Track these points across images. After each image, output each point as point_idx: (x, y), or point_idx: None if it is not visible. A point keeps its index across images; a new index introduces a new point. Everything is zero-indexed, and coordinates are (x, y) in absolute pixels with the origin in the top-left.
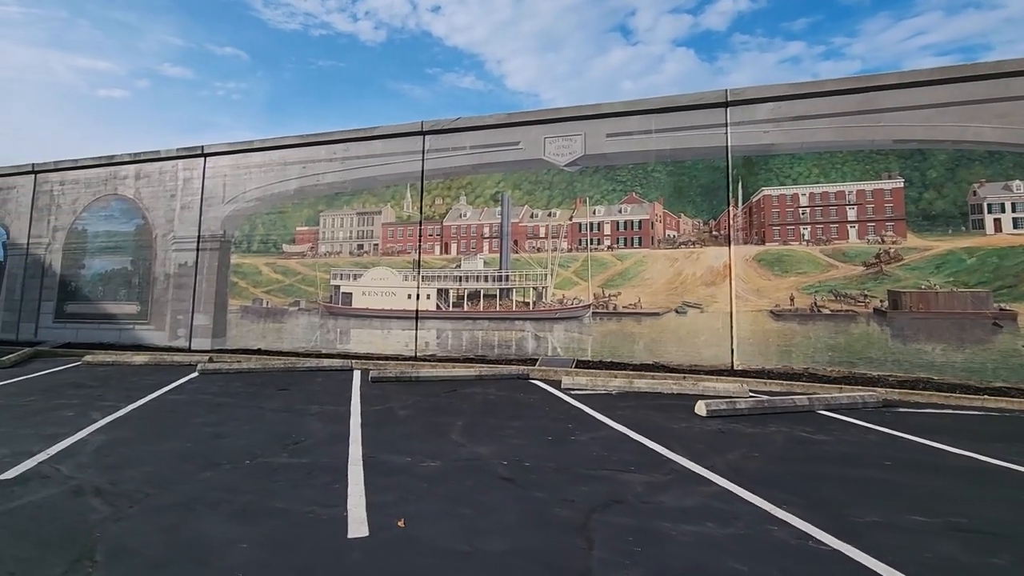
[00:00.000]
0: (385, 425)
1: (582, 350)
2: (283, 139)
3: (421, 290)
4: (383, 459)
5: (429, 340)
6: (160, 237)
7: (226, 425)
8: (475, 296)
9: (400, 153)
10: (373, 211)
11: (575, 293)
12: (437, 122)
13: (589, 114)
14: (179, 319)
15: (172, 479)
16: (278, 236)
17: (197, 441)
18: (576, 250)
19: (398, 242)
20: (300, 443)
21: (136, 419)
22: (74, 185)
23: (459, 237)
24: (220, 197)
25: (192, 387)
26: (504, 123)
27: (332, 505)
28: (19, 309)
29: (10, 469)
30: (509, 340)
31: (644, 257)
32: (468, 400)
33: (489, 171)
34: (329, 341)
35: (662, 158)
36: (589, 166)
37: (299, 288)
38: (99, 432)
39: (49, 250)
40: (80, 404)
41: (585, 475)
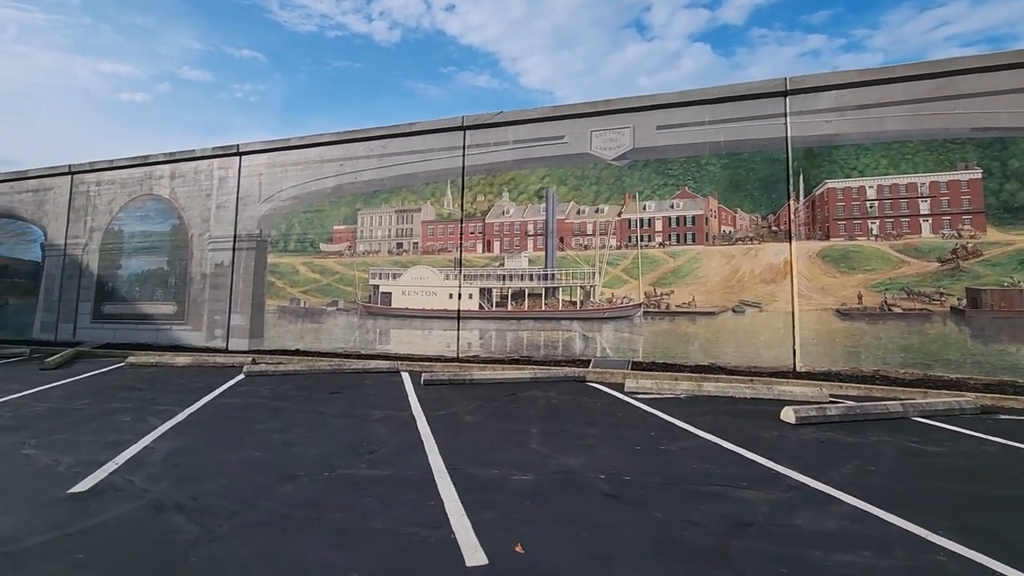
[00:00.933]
0: (457, 432)
1: (633, 351)
2: (319, 136)
3: (463, 289)
4: (469, 472)
5: (472, 341)
6: (196, 237)
7: (291, 432)
8: (519, 295)
9: (439, 149)
10: (412, 209)
11: (625, 292)
12: (478, 117)
13: (639, 106)
14: (216, 319)
15: (253, 493)
16: (315, 235)
17: (266, 449)
18: (626, 247)
19: (438, 240)
20: (374, 452)
21: (196, 425)
22: (110, 186)
23: (502, 235)
24: (256, 196)
25: (242, 390)
26: (548, 116)
27: (435, 526)
28: (57, 310)
29: (82, 481)
30: (555, 340)
31: (698, 254)
32: (531, 405)
33: (533, 166)
34: (368, 342)
35: (717, 150)
36: (639, 160)
37: (337, 288)
38: (163, 439)
39: (86, 251)
40: (135, 408)
41: (696, 492)
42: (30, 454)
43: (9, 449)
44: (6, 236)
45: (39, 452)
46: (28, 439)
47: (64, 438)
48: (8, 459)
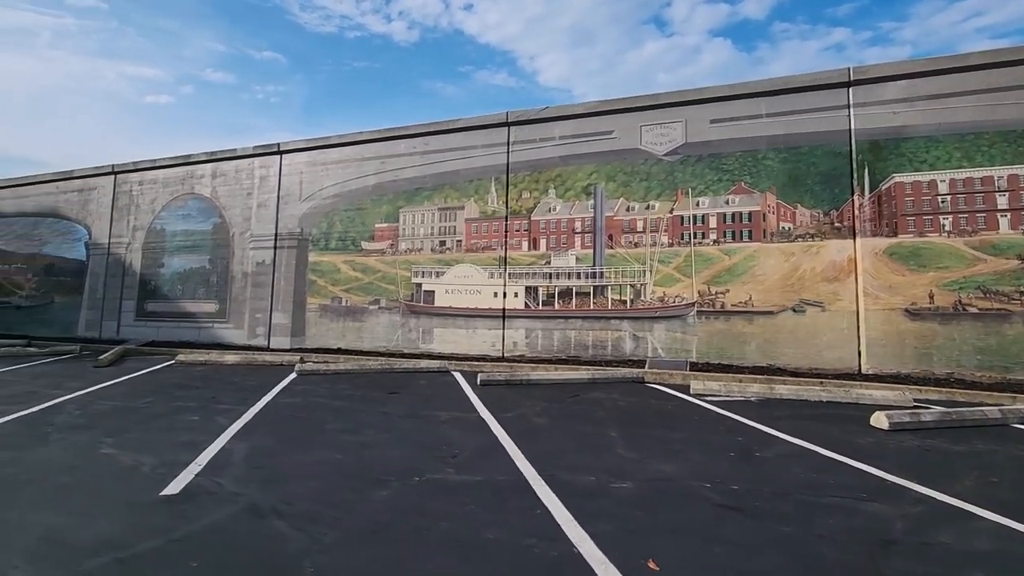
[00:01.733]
0: (534, 436)
1: (686, 351)
2: (360, 134)
3: (508, 288)
4: (564, 478)
5: (517, 340)
6: (237, 235)
7: (363, 433)
8: (567, 294)
9: (483, 146)
10: (455, 206)
11: (677, 291)
12: (523, 112)
13: (691, 99)
14: (257, 317)
15: (347, 498)
16: (356, 233)
17: (344, 452)
18: (678, 245)
19: (483, 238)
20: (457, 456)
21: (265, 425)
22: (152, 185)
23: (548, 232)
24: (297, 194)
25: (299, 389)
26: (596, 111)
27: (551, 537)
28: (101, 307)
29: (170, 483)
30: (604, 340)
31: (755, 251)
32: (599, 407)
33: (580, 162)
34: (411, 340)
35: (774, 144)
36: (691, 155)
37: (379, 286)
38: (236, 440)
39: (129, 249)
40: (199, 407)
41: (816, 503)
42: (110, 454)
43: (88, 448)
44: (52, 235)
45: (119, 452)
46: (103, 438)
47: (138, 437)
48: (91, 459)
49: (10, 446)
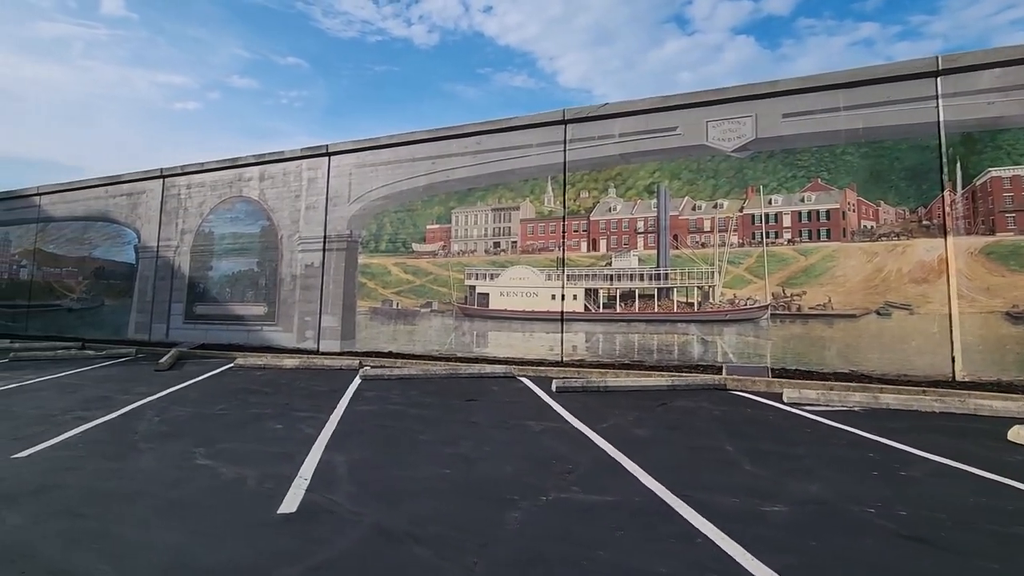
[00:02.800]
0: (643, 449)
1: (759, 356)
2: (411, 134)
3: (567, 290)
4: (703, 499)
5: (577, 344)
6: (286, 238)
7: (460, 445)
8: (629, 296)
9: (538, 144)
10: (510, 207)
11: (749, 292)
12: (580, 109)
13: (761, 92)
14: (307, 320)
15: (479, 519)
16: (407, 235)
17: (451, 466)
18: (749, 245)
19: (539, 239)
20: (573, 472)
21: (354, 435)
22: (200, 188)
23: (609, 233)
24: (345, 196)
25: (371, 395)
26: (658, 107)
27: (735, 573)
28: (151, 310)
29: (284, 499)
30: (670, 344)
31: (834, 251)
32: (694, 416)
33: (642, 160)
34: (465, 344)
35: (853, 138)
36: (762, 151)
37: (431, 289)
38: (332, 451)
39: (178, 252)
40: (277, 414)
41: (1009, 535)
42: (208, 465)
43: (183, 459)
44: (102, 239)
45: (216, 463)
46: (195, 448)
47: (231, 447)
48: (191, 471)
49: (106, 455)
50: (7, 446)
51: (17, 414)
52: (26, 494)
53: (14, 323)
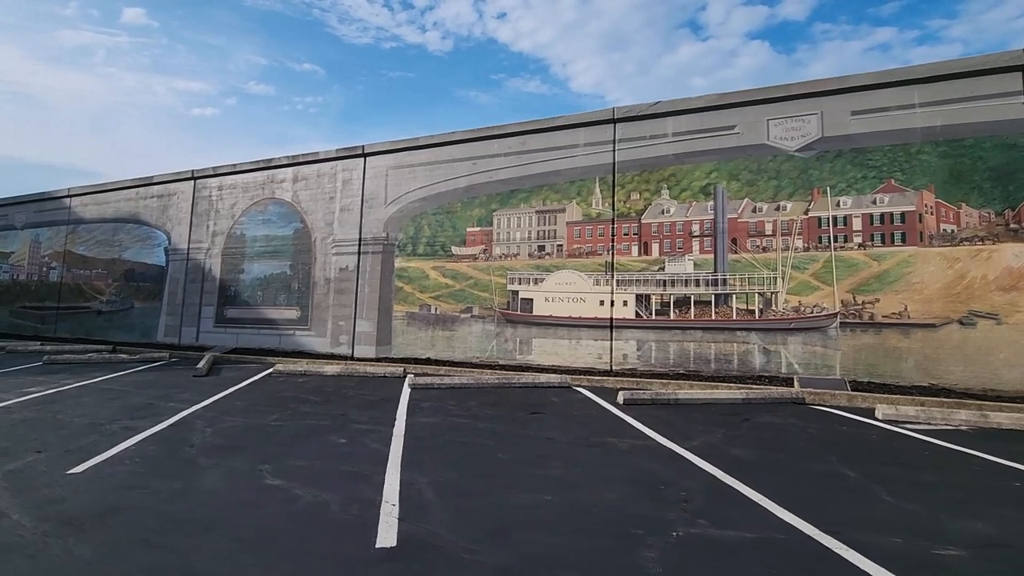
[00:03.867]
0: (753, 473)
1: (827, 367)
2: (450, 134)
3: (616, 296)
4: (861, 539)
5: (627, 352)
6: (319, 240)
7: (548, 467)
8: (683, 303)
9: (585, 145)
10: (555, 209)
11: (815, 299)
12: (631, 108)
13: (829, 89)
14: (341, 325)
15: (609, 561)
16: (446, 238)
17: (548, 490)
18: (816, 249)
19: (586, 242)
20: (689, 501)
21: (426, 451)
22: (232, 190)
23: (661, 236)
24: (382, 198)
25: (427, 406)
26: (715, 105)
27: None
28: (181, 313)
29: (378, 531)
30: (729, 353)
31: (910, 256)
32: (785, 434)
33: (697, 160)
34: (507, 351)
35: (931, 137)
36: (828, 150)
37: (471, 293)
38: (409, 470)
39: (208, 255)
40: (335, 427)
41: None
42: (280, 486)
43: (250, 478)
44: (132, 241)
45: (288, 484)
46: (259, 465)
47: (297, 465)
48: (263, 492)
49: (167, 472)
50: (60, 459)
51: (63, 422)
52: (92, 518)
53: (43, 325)
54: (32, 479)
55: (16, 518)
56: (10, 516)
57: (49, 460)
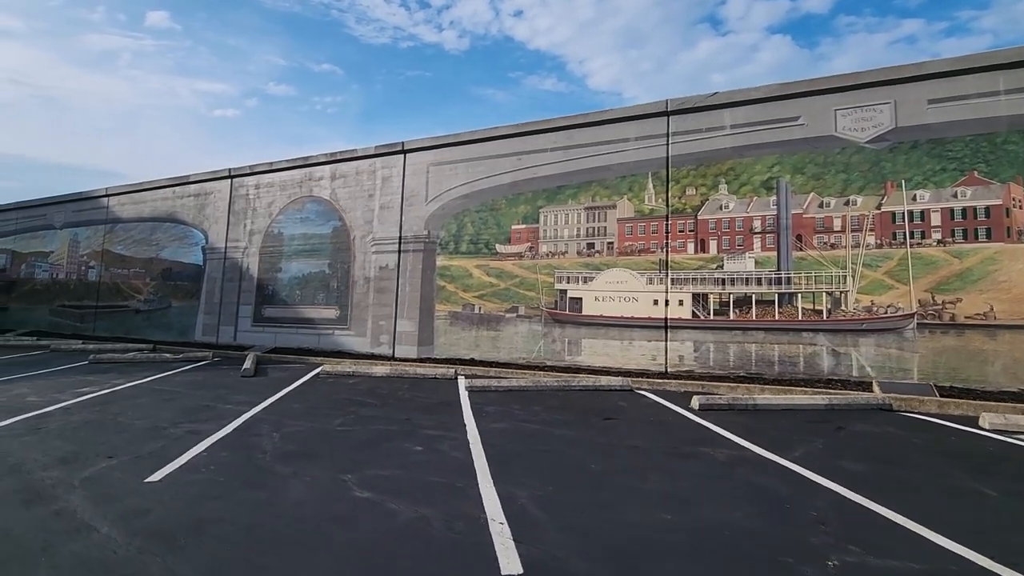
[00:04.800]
0: (885, 490)
1: (903, 370)
2: (493, 129)
3: (671, 295)
4: None
5: (684, 353)
6: (359, 239)
7: (648, 479)
8: (744, 302)
9: (637, 139)
10: (605, 205)
11: (889, 299)
12: (686, 100)
13: (903, 76)
14: (381, 324)
15: None
16: (490, 235)
17: (660, 507)
18: (889, 245)
19: (638, 240)
20: (826, 524)
21: (513, 461)
22: (269, 188)
23: (720, 233)
24: (422, 195)
25: (492, 410)
26: (777, 95)
27: None
28: (218, 312)
29: (496, 553)
30: (794, 355)
31: (996, 253)
32: (892, 445)
33: (758, 153)
34: (555, 352)
35: (1018, 125)
36: (903, 141)
37: (516, 292)
38: (502, 483)
39: (246, 254)
40: (404, 431)
41: None
42: (371, 499)
43: (336, 489)
44: (169, 240)
45: (379, 496)
46: (340, 474)
47: (382, 475)
48: (355, 506)
49: (247, 481)
50: (134, 466)
51: (125, 425)
52: (184, 532)
53: (82, 324)
54: (110, 488)
55: (105, 532)
56: (98, 529)
57: (123, 467)
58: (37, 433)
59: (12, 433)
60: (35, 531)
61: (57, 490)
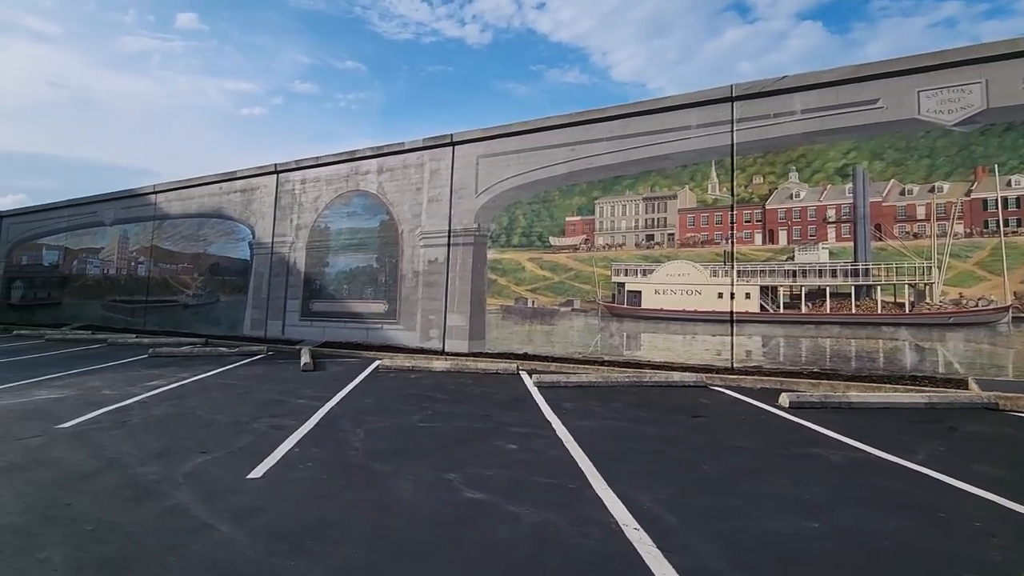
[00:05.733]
0: None
1: (996, 367)
2: (545, 120)
3: (737, 288)
4: None
5: (751, 348)
6: (407, 232)
7: (772, 483)
8: (817, 295)
9: (698, 126)
10: (665, 195)
11: (980, 291)
12: (752, 84)
13: (995, 54)
14: (431, 319)
15: None
16: (543, 228)
17: (800, 514)
18: (980, 234)
19: (701, 231)
20: (996, 536)
21: (613, 460)
22: (315, 183)
23: (790, 223)
24: (472, 188)
25: (572, 407)
26: (851, 78)
27: None
28: (266, 307)
29: (645, 565)
30: (873, 351)
31: None
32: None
33: (831, 139)
34: (613, 347)
35: None
36: (995, 123)
37: (571, 286)
38: (618, 484)
39: (293, 248)
40: (489, 429)
41: None
42: (485, 501)
43: (443, 490)
44: (216, 235)
45: (491, 497)
46: (442, 473)
47: (486, 475)
48: (470, 509)
49: (349, 481)
50: (230, 462)
51: (205, 419)
52: (306, 535)
53: (132, 318)
54: (214, 484)
55: (226, 532)
56: (219, 529)
57: (219, 463)
58: (123, 427)
59: (100, 427)
60: (156, 530)
61: (163, 486)
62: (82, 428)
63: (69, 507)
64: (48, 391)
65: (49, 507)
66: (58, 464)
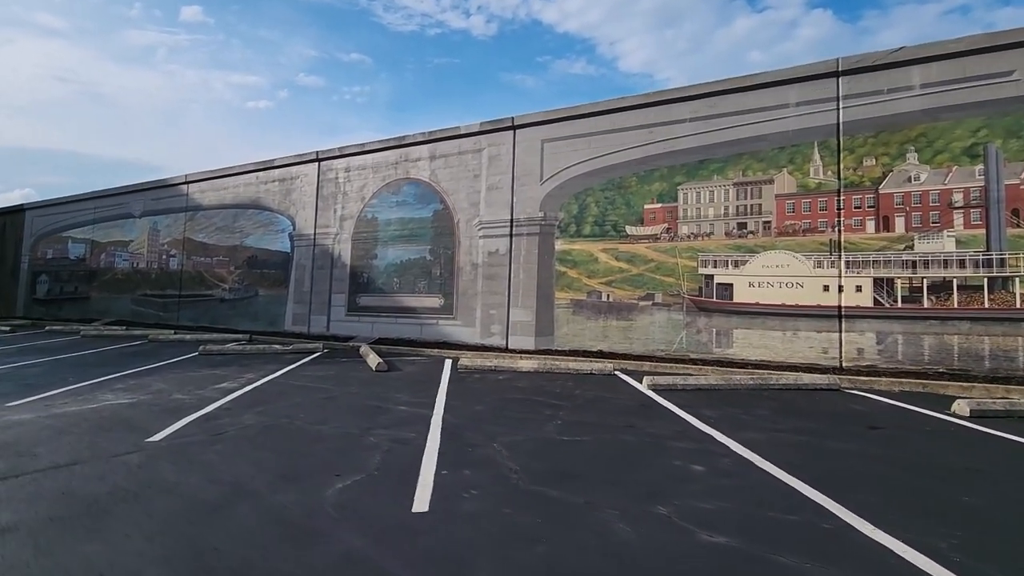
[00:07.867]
0: None
1: None
2: (619, 100)
3: (846, 280)
4: None
5: (863, 346)
6: (463, 222)
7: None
8: (942, 288)
9: (796, 104)
10: (759, 180)
11: None
12: (863, 57)
13: None
14: (492, 314)
15: None
16: (619, 216)
17: None
18: None
19: (802, 218)
20: None
21: (843, 488)
22: (360, 171)
23: (908, 208)
24: (536, 174)
25: (712, 415)
26: (981, 47)
27: None
28: (309, 301)
29: None
30: (1012, 349)
31: None
32: None
33: (957, 115)
34: (701, 344)
35: None
36: None
37: (651, 278)
38: (886, 524)
39: (337, 240)
40: (643, 444)
41: None
42: (730, 547)
43: (668, 529)
44: (253, 227)
45: (738, 543)
46: (648, 507)
47: (701, 508)
48: (717, 555)
49: (547, 517)
50: (377, 488)
51: (312, 432)
52: None
53: (165, 313)
54: (376, 520)
55: None
56: None
57: (365, 490)
58: (223, 440)
59: (196, 440)
60: None
61: (316, 522)
62: (177, 441)
63: (218, 552)
64: (114, 395)
65: (198, 553)
66: (175, 491)
